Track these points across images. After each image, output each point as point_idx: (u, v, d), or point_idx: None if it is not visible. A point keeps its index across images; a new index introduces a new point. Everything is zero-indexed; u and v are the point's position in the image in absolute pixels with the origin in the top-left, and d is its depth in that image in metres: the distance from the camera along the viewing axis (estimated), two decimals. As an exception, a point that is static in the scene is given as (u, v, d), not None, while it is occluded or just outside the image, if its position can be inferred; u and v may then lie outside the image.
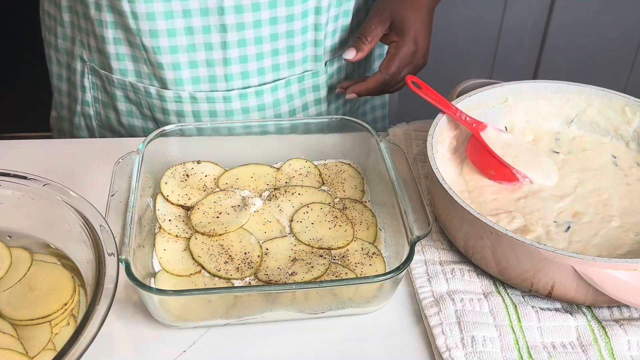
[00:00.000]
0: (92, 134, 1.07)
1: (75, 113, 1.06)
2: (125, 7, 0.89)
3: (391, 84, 0.95)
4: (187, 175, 0.83)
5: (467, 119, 0.83)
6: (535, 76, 2.11)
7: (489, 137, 0.83)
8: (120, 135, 1.04)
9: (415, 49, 0.94)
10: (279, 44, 0.95)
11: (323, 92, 1.03)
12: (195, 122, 0.91)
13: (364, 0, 1.03)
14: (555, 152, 0.87)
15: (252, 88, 0.97)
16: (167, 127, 0.81)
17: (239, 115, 0.99)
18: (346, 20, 1.00)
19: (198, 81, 0.96)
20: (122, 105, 1.01)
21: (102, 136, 1.07)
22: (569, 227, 0.76)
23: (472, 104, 0.85)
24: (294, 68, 0.98)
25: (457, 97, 0.85)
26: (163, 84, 0.96)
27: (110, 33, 0.93)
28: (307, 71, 1.00)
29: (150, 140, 0.80)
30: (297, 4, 0.92)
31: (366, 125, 0.83)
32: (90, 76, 1.01)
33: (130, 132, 1.03)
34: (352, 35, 1.03)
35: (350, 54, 0.94)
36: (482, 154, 0.82)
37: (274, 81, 0.98)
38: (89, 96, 1.03)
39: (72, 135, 1.08)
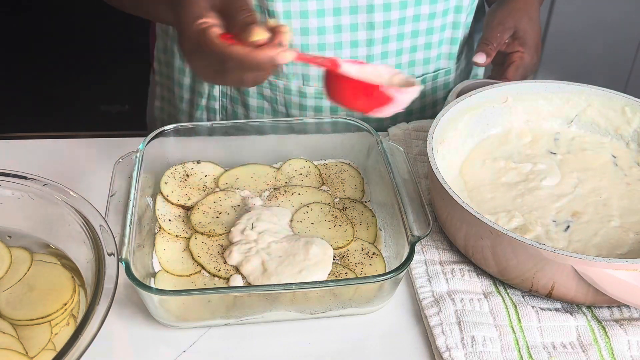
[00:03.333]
0: None
1: (198, 107, 1.06)
2: (279, 7, 0.89)
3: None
4: (187, 175, 0.83)
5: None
6: (535, 76, 2.11)
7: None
8: None
9: (536, 59, 1.00)
10: (418, 40, 0.97)
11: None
12: (194, 122, 0.91)
13: None
14: (552, 152, 0.87)
15: None
16: (166, 127, 0.81)
17: None
18: (470, 18, 1.02)
19: None
20: (253, 102, 1.01)
21: None
22: (568, 227, 0.76)
23: (472, 104, 0.85)
24: (429, 65, 1.01)
25: (457, 97, 0.85)
26: (305, 81, 0.97)
27: None
28: (440, 69, 1.02)
29: (150, 140, 0.80)
30: (440, 1, 0.94)
31: (366, 126, 0.83)
32: None
33: None
34: (473, 34, 1.06)
35: (482, 58, 0.97)
36: (348, 85, 0.70)
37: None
38: (217, 90, 1.03)
39: None
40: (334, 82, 0.71)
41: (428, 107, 1.05)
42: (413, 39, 0.96)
